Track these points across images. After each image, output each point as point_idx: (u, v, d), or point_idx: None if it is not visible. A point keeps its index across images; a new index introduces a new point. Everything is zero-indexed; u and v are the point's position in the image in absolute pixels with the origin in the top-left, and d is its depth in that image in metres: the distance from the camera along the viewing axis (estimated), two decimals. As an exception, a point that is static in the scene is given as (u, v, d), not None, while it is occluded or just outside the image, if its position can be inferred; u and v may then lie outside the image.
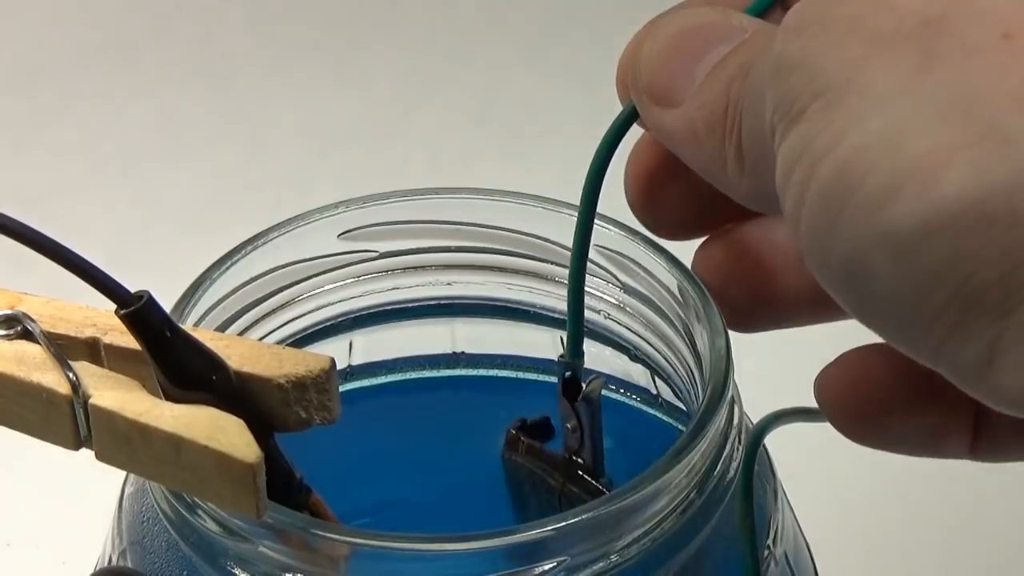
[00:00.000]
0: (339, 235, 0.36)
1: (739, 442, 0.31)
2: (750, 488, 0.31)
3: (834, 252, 0.21)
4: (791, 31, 0.23)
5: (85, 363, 0.27)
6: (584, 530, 0.27)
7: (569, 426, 0.33)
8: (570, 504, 0.33)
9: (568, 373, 0.32)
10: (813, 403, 0.32)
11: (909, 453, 0.27)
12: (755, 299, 0.29)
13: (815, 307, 0.29)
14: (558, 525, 0.27)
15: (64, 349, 0.27)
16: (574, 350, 0.32)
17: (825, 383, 0.28)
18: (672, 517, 0.29)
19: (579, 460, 0.33)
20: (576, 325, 0.32)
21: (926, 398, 0.27)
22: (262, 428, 0.27)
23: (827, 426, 0.29)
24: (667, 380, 0.35)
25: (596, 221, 0.34)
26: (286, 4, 0.73)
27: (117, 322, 0.26)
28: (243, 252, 0.34)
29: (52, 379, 0.27)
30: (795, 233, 0.22)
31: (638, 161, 0.30)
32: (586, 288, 0.35)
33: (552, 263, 0.36)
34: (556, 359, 0.33)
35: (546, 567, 0.28)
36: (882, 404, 0.27)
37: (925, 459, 0.60)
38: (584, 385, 0.32)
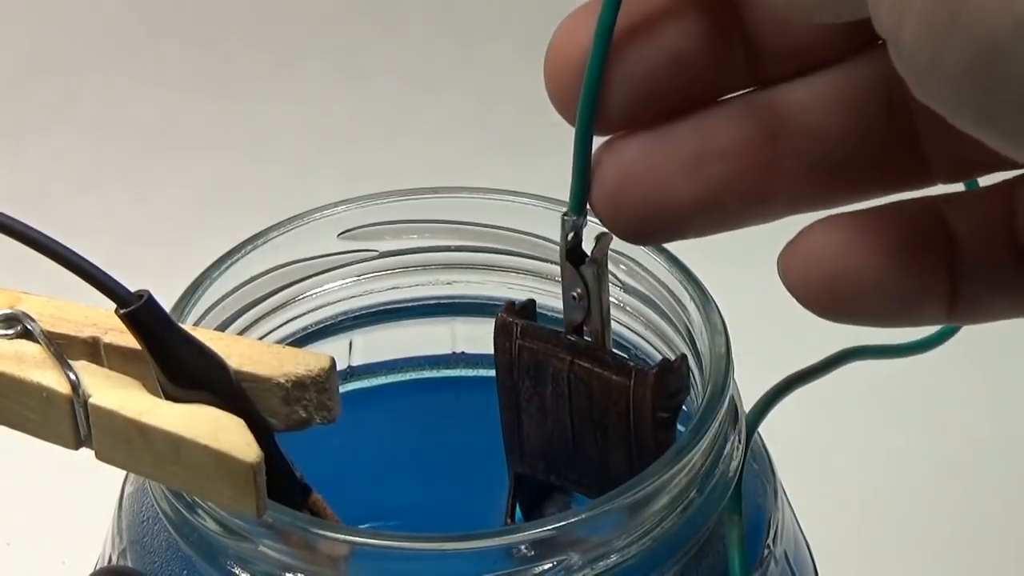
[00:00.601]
0: (339, 234, 0.36)
1: (739, 441, 0.31)
2: (742, 467, 0.31)
3: (956, 51, 0.19)
4: None
5: (85, 362, 0.27)
6: (584, 529, 0.28)
7: (575, 295, 0.30)
8: (583, 384, 0.30)
9: (571, 235, 0.29)
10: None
11: (884, 324, 0.26)
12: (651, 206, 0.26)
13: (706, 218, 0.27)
14: (558, 525, 0.27)
15: (64, 348, 0.27)
16: (578, 206, 0.28)
17: (788, 263, 0.26)
18: (672, 516, 0.29)
19: (584, 332, 0.30)
20: (582, 177, 0.27)
21: (900, 267, 0.25)
22: (262, 427, 0.27)
23: (827, 426, 0.29)
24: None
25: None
26: (286, 4, 0.73)
27: (117, 321, 0.26)
28: (243, 251, 0.34)
29: (52, 378, 0.27)
30: (894, 40, 0.20)
31: (571, 39, 0.26)
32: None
33: (552, 262, 0.36)
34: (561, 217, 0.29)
35: (546, 566, 0.28)
36: (853, 279, 0.25)
37: (926, 459, 0.60)
38: (593, 244, 0.29)
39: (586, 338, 0.30)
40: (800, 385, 0.33)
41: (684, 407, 0.34)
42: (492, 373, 0.33)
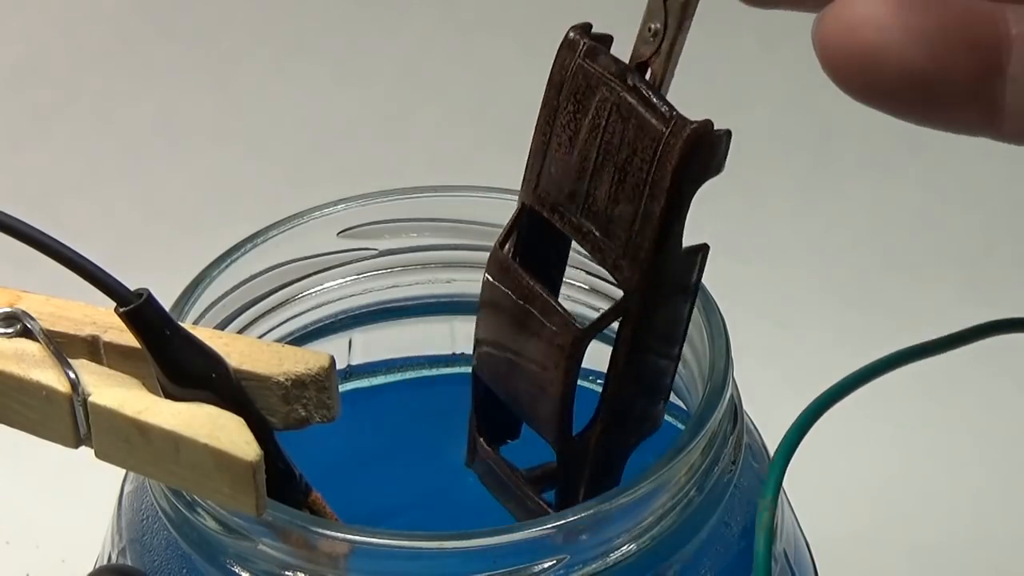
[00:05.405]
0: (338, 233, 0.36)
1: (740, 440, 0.31)
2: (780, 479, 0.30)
3: None
4: None
5: (85, 361, 0.27)
6: (584, 528, 0.28)
7: (651, 28, 0.28)
8: (622, 119, 0.28)
9: None
10: (812, 394, 0.32)
11: (914, 120, 0.24)
12: None
13: None
14: (558, 523, 0.27)
15: (64, 347, 0.27)
16: None
17: (822, 27, 0.24)
18: (672, 515, 0.29)
19: (644, 71, 0.29)
20: None
21: (934, 58, 0.23)
22: (261, 426, 0.27)
23: (826, 423, 0.29)
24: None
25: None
26: (286, 3, 0.73)
27: (117, 320, 0.26)
28: (242, 250, 0.34)
29: (52, 377, 0.27)
30: None
31: None
32: (587, 288, 0.35)
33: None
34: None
35: (546, 565, 0.28)
36: (884, 60, 0.23)
37: (924, 458, 0.60)
38: None
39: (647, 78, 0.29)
40: (933, 355, 0.31)
41: (685, 407, 0.34)
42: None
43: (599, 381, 0.30)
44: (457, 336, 0.38)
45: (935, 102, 0.23)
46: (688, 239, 0.28)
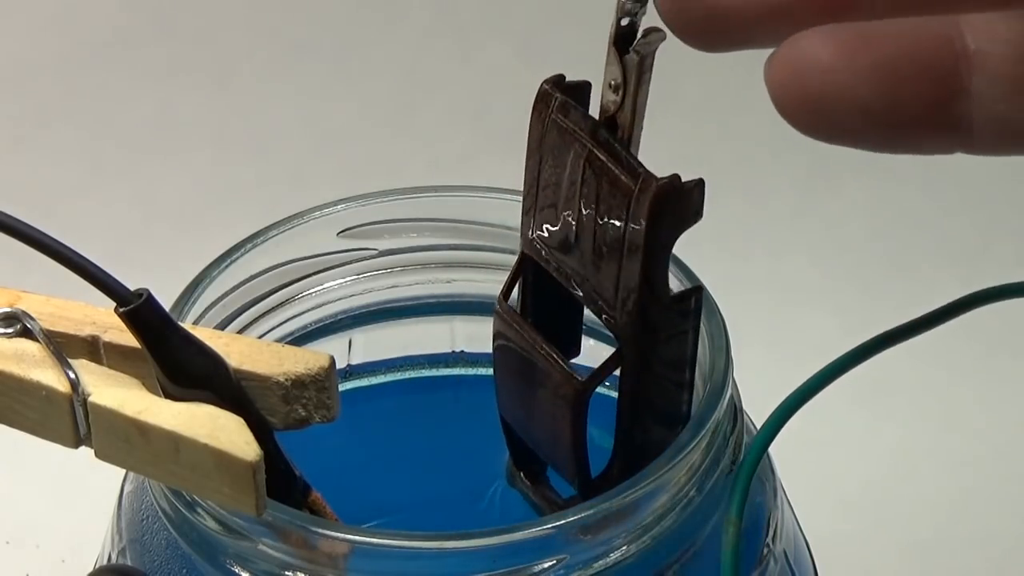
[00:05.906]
0: (339, 233, 0.36)
1: (740, 440, 0.31)
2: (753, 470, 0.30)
3: None
4: None
5: (84, 361, 0.27)
6: (584, 528, 0.28)
7: (612, 82, 0.28)
8: (595, 177, 0.28)
9: (624, 19, 0.27)
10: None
11: (879, 151, 0.24)
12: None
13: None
14: (558, 523, 0.27)
15: (64, 347, 0.27)
16: None
17: (772, 73, 0.23)
18: (672, 515, 0.29)
19: (614, 124, 0.28)
20: None
21: (891, 92, 0.23)
22: (261, 426, 0.27)
23: (826, 423, 0.29)
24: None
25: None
26: (286, 3, 0.73)
27: (117, 320, 0.26)
28: (242, 250, 0.34)
29: (51, 377, 0.27)
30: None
31: None
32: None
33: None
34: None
35: (545, 565, 0.28)
36: (837, 103, 0.23)
37: (923, 457, 0.60)
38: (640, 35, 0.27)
39: (617, 132, 0.29)
40: (912, 336, 0.31)
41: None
42: (491, 372, 0.33)
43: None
44: (457, 336, 0.38)
45: (896, 133, 0.23)
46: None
